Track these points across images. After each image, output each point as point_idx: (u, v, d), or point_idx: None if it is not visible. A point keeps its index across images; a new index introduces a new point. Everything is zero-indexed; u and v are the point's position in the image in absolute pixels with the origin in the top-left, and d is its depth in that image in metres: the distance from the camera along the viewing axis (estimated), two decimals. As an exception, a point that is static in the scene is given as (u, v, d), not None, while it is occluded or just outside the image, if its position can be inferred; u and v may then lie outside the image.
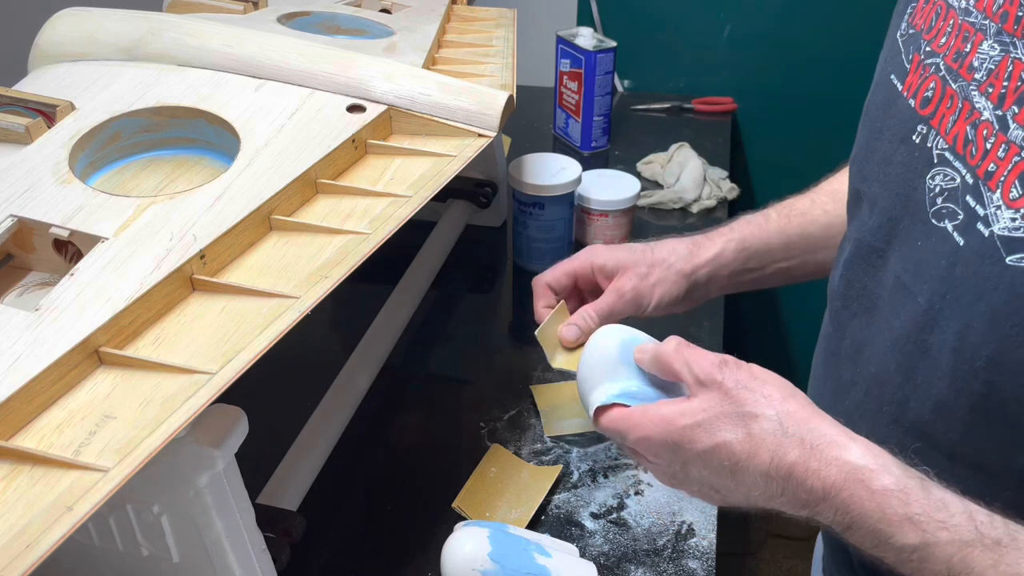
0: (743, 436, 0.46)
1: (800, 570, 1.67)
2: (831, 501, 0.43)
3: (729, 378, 0.48)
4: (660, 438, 0.48)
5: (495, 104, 0.65)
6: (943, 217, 0.45)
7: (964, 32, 0.45)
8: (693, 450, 0.47)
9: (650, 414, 0.49)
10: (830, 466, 0.44)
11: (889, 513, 0.42)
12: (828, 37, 1.43)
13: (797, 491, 0.45)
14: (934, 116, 0.47)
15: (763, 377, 0.48)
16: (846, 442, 0.44)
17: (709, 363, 0.49)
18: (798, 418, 0.46)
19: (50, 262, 0.52)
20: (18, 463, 0.40)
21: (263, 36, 0.66)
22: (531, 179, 0.96)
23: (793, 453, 0.44)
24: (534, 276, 0.69)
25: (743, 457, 0.46)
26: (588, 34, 1.27)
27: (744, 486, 0.47)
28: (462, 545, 0.61)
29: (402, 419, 0.82)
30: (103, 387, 0.43)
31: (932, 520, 0.41)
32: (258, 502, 0.63)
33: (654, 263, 0.68)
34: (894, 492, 0.42)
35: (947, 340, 0.44)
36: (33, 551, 0.36)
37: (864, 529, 0.43)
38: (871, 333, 0.52)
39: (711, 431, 0.47)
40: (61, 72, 0.64)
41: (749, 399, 0.47)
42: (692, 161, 1.21)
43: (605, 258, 0.68)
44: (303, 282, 0.50)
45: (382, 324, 0.85)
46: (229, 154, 0.59)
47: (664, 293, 0.67)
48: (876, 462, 0.43)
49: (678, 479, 0.50)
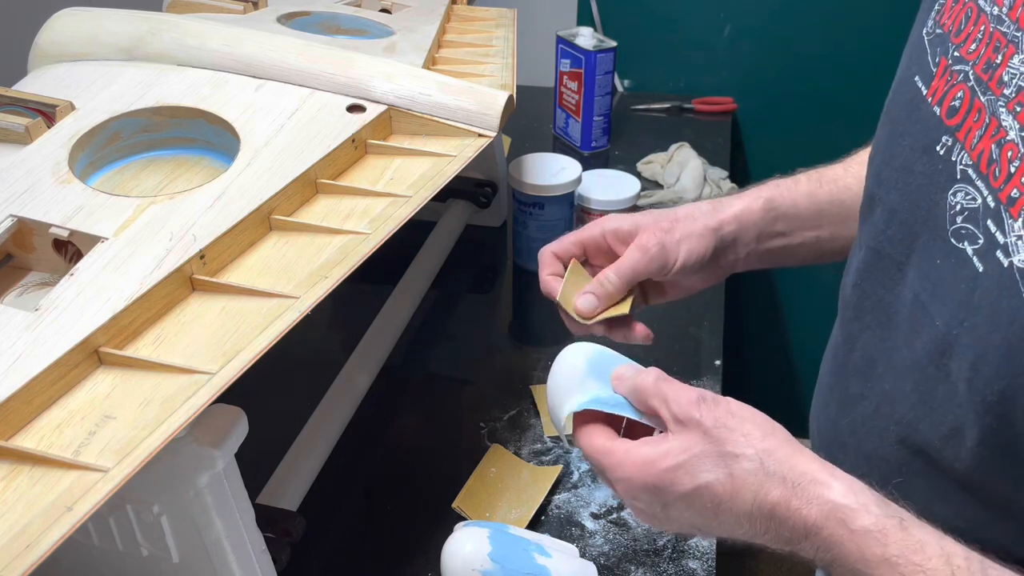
0: (724, 477, 0.45)
1: (800, 570, 1.67)
2: (812, 539, 0.43)
3: (707, 416, 0.47)
4: (641, 480, 0.47)
5: (495, 104, 0.65)
6: (963, 238, 0.43)
7: (996, 41, 0.43)
8: (675, 493, 0.46)
9: (631, 456, 0.48)
10: (811, 504, 0.43)
11: (867, 553, 0.42)
12: (828, 37, 1.43)
13: (780, 529, 0.44)
14: (960, 128, 0.45)
15: (741, 414, 0.48)
16: (827, 479, 0.44)
17: (687, 400, 0.48)
18: (779, 456, 0.45)
19: (50, 262, 0.52)
20: (18, 463, 0.40)
21: (263, 36, 0.66)
22: (531, 179, 0.96)
23: (775, 492, 0.44)
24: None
25: (725, 498, 0.45)
26: (588, 34, 1.27)
27: (727, 525, 0.46)
28: (462, 545, 0.61)
29: (402, 419, 0.82)
30: (103, 387, 0.43)
31: (909, 562, 0.41)
32: (258, 502, 0.63)
33: (677, 219, 0.62)
34: (872, 533, 0.42)
35: (963, 368, 0.43)
36: (33, 551, 0.36)
37: (845, 567, 0.43)
38: (886, 349, 0.51)
39: (692, 473, 0.46)
40: (61, 72, 0.64)
41: (729, 438, 0.46)
42: (692, 161, 1.21)
43: (619, 221, 0.62)
44: (303, 282, 0.50)
45: (382, 324, 0.85)
46: (229, 154, 0.58)
47: (691, 250, 0.61)
48: (857, 501, 0.43)
49: (659, 519, 0.49)
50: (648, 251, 0.60)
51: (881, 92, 0.57)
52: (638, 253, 0.60)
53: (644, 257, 0.60)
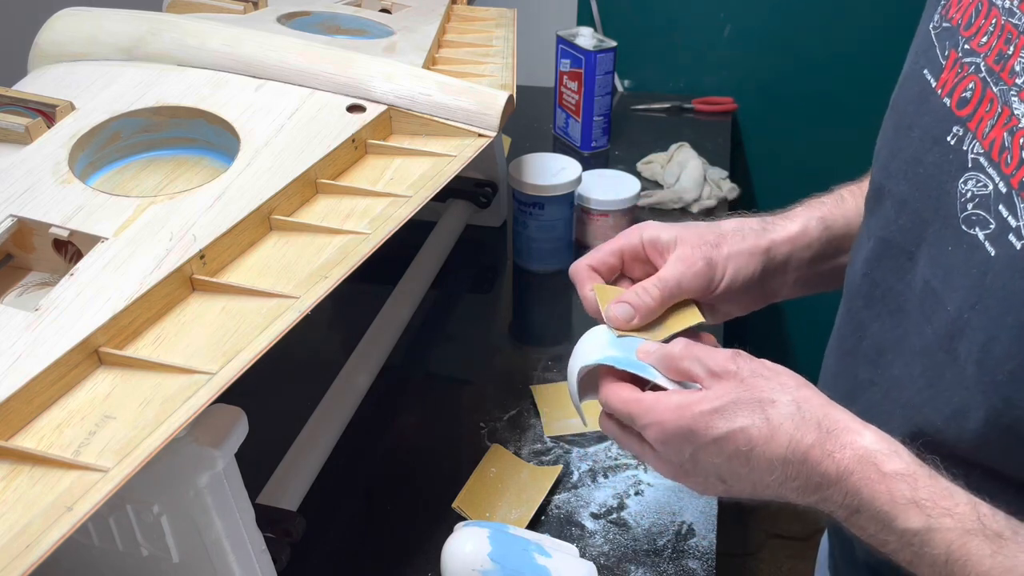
0: (761, 421, 0.46)
1: (800, 570, 1.67)
2: (843, 484, 0.44)
3: (744, 367, 0.48)
4: (674, 424, 0.47)
5: (495, 104, 0.65)
6: (974, 224, 0.44)
7: (1007, 33, 0.44)
8: (708, 436, 0.47)
9: (663, 401, 0.48)
10: (844, 449, 0.44)
11: (897, 496, 0.42)
12: (828, 37, 1.43)
13: (811, 474, 0.45)
14: (971, 118, 0.45)
15: (776, 368, 0.49)
16: (860, 428, 0.45)
17: (722, 356, 0.49)
18: (814, 404, 0.46)
19: (50, 262, 0.52)
20: (18, 463, 0.40)
21: (263, 36, 0.66)
22: (531, 179, 0.96)
23: (810, 437, 0.45)
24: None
25: (760, 442, 0.46)
26: (588, 34, 1.27)
27: (757, 472, 0.47)
28: (462, 545, 0.61)
29: (402, 419, 0.82)
30: (103, 387, 0.43)
31: (937, 506, 0.42)
32: (258, 502, 0.63)
33: (723, 233, 0.58)
34: (903, 476, 0.43)
35: (972, 351, 0.44)
36: (33, 551, 0.36)
37: (871, 512, 0.43)
38: (896, 336, 0.51)
39: (729, 417, 0.46)
40: (61, 72, 0.64)
41: (766, 386, 0.47)
42: (692, 161, 1.21)
43: (659, 230, 0.57)
44: (303, 282, 0.50)
45: (382, 324, 0.85)
46: (229, 154, 0.58)
47: (738, 269, 0.57)
48: (888, 447, 0.44)
49: (685, 469, 0.49)
50: (693, 264, 0.55)
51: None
52: (682, 266, 0.55)
53: (689, 271, 0.55)
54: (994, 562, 0.40)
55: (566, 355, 0.90)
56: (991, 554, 0.40)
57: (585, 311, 0.57)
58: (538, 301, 1.01)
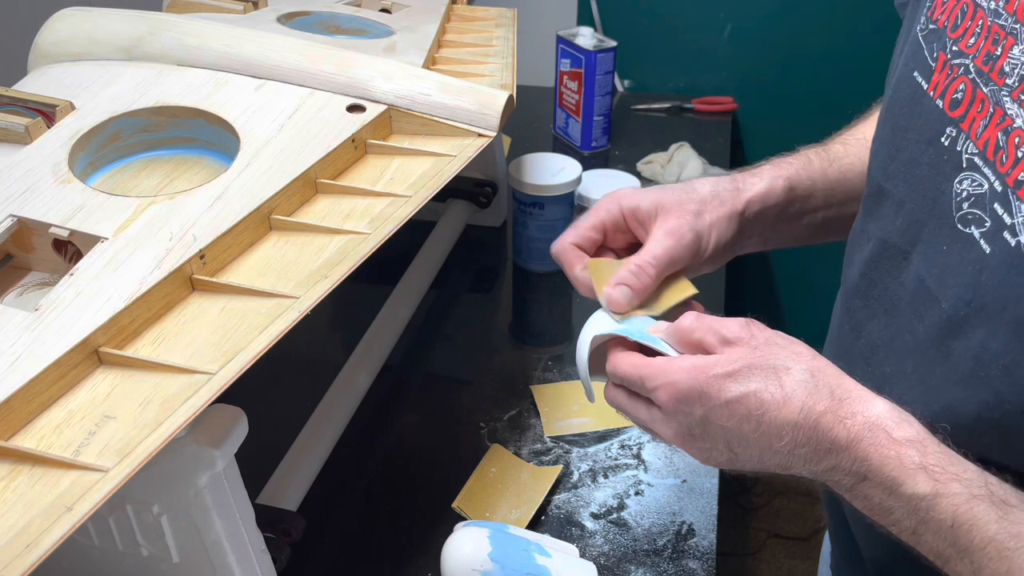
0: (774, 387, 0.46)
1: (800, 570, 1.67)
2: (853, 450, 0.44)
3: (759, 335, 0.49)
4: (687, 384, 0.47)
5: (495, 104, 0.65)
6: (969, 223, 0.45)
7: (994, 34, 0.45)
8: (721, 398, 0.47)
9: (676, 363, 0.49)
10: (856, 416, 0.45)
11: (906, 460, 0.43)
12: (828, 36, 1.43)
13: (822, 440, 0.45)
14: (964, 119, 0.46)
15: (791, 338, 0.49)
16: (872, 398, 0.46)
17: (736, 323, 0.49)
18: (828, 373, 0.47)
19: (50, 262, 0.52)
20: (18, 463, 0.40)
21: (263, 36, 0.66)
22: (531, 179, 0.96)
23: (823, 403, 0.45)
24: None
25: (772, 407, 0.46)
26: (588, 34, 1.27)
27: (766, 437, 0.47)
28: (462, 545, 0.61)
29: (402, 419, 0.82)
30: (103, 387, 0.43)
31: (946, 471, 0.42)
32: (258, 502, 0.63)
33: (703, 200, 0.58)
34: (913, 441, 0.43)
35: (970, 347, 0.44)
36: (33, 551, 0.36)
37: (879, 478, 0.44)
38: (889, 334, 0.52)
39: (742, 380, 0.47)
40: (61, 72, 0.64)
41: (780, 354, 0.48)
42: (692, 161, 1.21)
43: (638, 199, 0.58)
44: (303, 282, 0.50)
45: (382, 324, 0.85)
46: (229, 154, 0.58)
47: (721, 234, 0.58)
48: (899, 416, 0.45)
49: (693, 434, 0.49)
50: (682, 238, 0.56)
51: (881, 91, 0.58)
52: (671, 240, 0.56)
53: (679, 245, 0.56)
54: (1000, 527, 0.40)
55: (566, 355, 0.90)
56: (997, 519, 0.40)
57: (580, 293, 0.58)
58: (538, 301, 1.01)
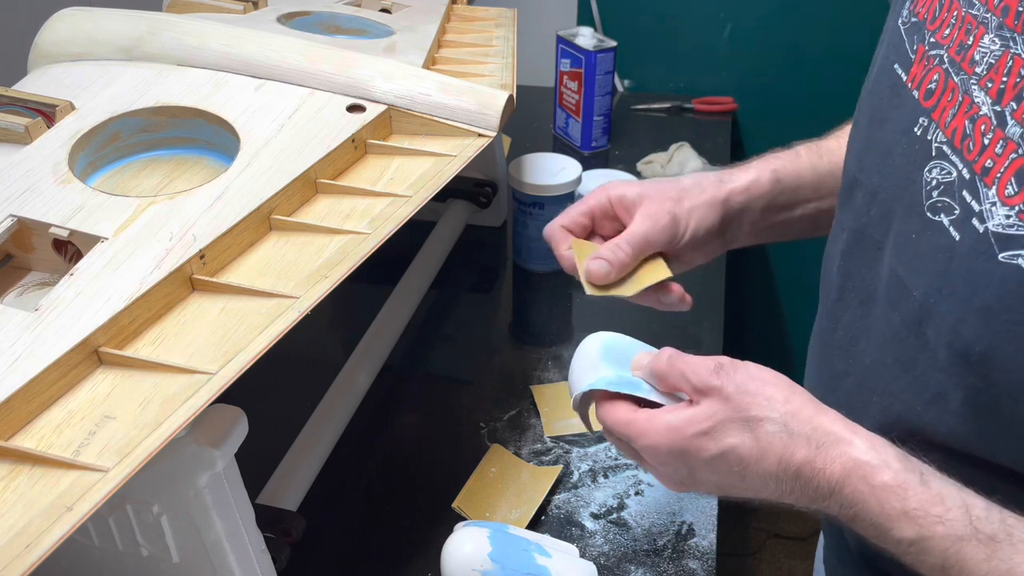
0: (750, 441, 0.46)
1: (800, 570, 1.67)
2: (836, 497, 0.45)
3: (728, 383, 0.48)
4: (667, 447, 0.48)
5: (495, 104, 0.65)
6: (939, 211, 0.45)
7: (967, 24, 0.45)
8: (701, 457, 0.47)
9: (655, 423, 0.49)
10: (834, 463, 0.44)
11: (887, 508, 0.43)
12: (828, 36, 1.43)
13: (805, 488, 0.45)
14: (935, 109, 0.47)
15: (762, 377, 0.49)
16: (850, 437, 0.45)
17: (705, 370, 0.49)
18: (802, 418, 0.46)
19: (50, 262, 0.52)
20: (18, 463, 0.40)
21: (263, 36, 0.66)
22: (531, 179, 0.96)
23: (800, 453, 0.45)
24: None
25: (751, 462, 0.46)
26: (588, 34, 1.27)
27: (753, 487, 0.47)
28: (462, 545, 0.61)
29: (402, 419, 0.82)
30: (103, 387, 0.43)
31: (928, 515, 0.42)
32: (258, 502, 0.63)
33: (684, 188, 0.62)
34: (892, 488, 0.43)
35: (942, 334, 0.45)
36: (33, 551, 0.36)
37: (866, 522, 0.44)
38: (866, 325, 0.53)
39: (717, 439, 0.47)
40: (61, 72, 0.64)
41: (752, 404, 0.47)
42: (692, 161, 1.21)
43: (624, 189, 0.61)
44: (303, 282, 0.50)
45: (382, 324, 0.85)
46: (229, 154, 0.58)
47: (700, 220, 0.61)
48: (877, 457, 0.44)
49: (686, 484, 0.50)
50: (659, 220, 0.59)
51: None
52: (649, 222, 0.59)
53: (655, 226, 0.59)
54: (989, 567, 0.40)
55: (566, 355, 0.90)
56: (986, 559, 0.40)
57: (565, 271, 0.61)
58: (538, 301, 1.01)
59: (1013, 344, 0.41)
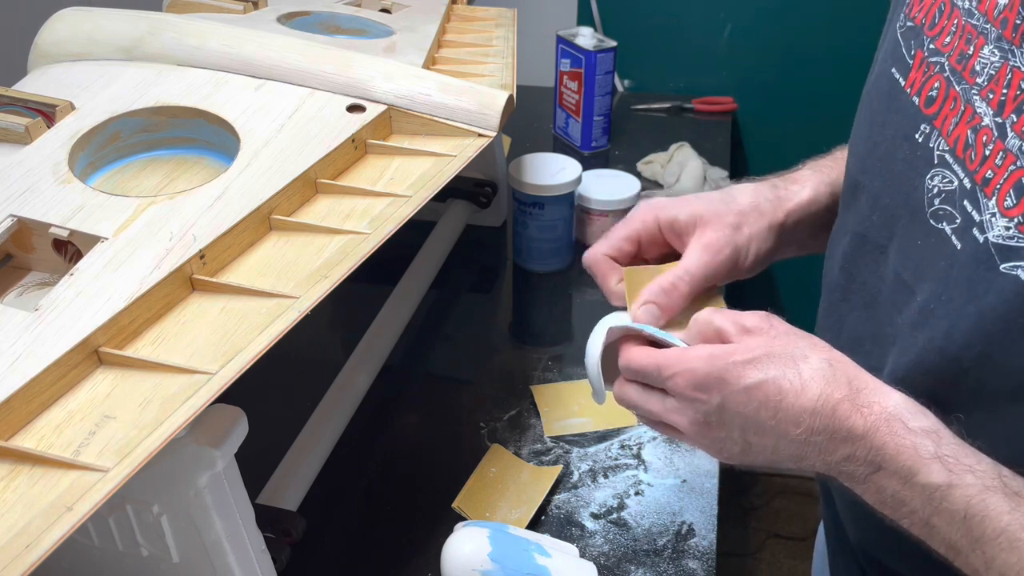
0: (793, 374, 0.46)
1: (800, 570, 1.67)
2: (869, 439, 0.45)
3: (778, 324, 0.49)
4: (705, 371, 0.47)
5: (495, 104, 0.65)
6: (941, 219, 0.46)
7: (967, 34, 0.46)
8: (740, 384, 0.47)
9: (694, 351, 0.49)
10: (873, 406, 0.45)
11: (921, 450, 0.43)
12: (828, 36, 1.43)
13: (838, 428, 0.45)
14: (937, 116, 0.47)
15: (808, 333, 0.50)
16: (888, 390, 0.46)
17: (757, 315, 0.50)
18: (846, 363, 0.47)
19: (50, 262, 0.52)
20: (18, 463, 0.40)
21: (263, 36, 0.66)
22: (531, 179, 0.96)
23: (840, 391, 0.46)
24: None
25: (791, 393, 0.46)
26: (588, 34, 1.27)
27: (783, 424, 0.46)
28: (462, 545, 0.61)
29: (402, 419, 0.82)
30: (103, 387, 0.43)
31: (960, 463, 0.42)
32: (258, 502, 0.63)
33: (743, 212, 0.57)
34: (929, 432, 0.44)
35: (935, 338, 0.45)
36: (33, 551, 0.36)
37: (894, 468, 0.44)
38: (871, 327, 0.53)
39: (761, 367, 0.47)
40: (61, 72, 0.64)
41: (799, 343, 0.48)
42: (692, 161, 1.21)
43: (675, 210, 0.56)
44: (303, 282, 0.50)
45: (382, 324, 0.85)
46: (229, 154, 0.58)
47: (760, 247, 0.57)
48: (915, 407, 0.45)
49: (710, 422, 0.48)
50: (719, 253, 0.55)
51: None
52: (707, 256, 0.54)
53: (715, 260, 0.54)
54: (1012, 518, 0.41)
55: (566, 355, 0.90)
56: (1009, 511, 0.41)
57: (612, 305, 0.56)
58: (538, 301, 1.01)
59: (1010, 351, 0.42)
